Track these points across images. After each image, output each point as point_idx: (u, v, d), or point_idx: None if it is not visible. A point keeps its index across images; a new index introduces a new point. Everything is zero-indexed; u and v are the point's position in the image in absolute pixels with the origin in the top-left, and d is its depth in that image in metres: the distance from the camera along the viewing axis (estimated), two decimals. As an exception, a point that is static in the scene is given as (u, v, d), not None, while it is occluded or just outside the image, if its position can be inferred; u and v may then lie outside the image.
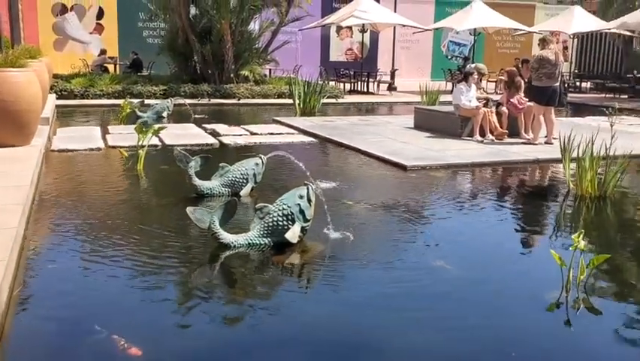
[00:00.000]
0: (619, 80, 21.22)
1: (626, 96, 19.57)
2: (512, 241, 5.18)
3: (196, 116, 12.80)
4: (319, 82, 14.80)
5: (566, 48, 26.40)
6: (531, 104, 9.58)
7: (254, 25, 19.10)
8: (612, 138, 6.11)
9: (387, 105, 17.97)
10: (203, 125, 11.32)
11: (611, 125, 6.20)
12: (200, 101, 15.70)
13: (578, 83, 22.89)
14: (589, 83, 23.16)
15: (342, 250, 4.59)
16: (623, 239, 5.43)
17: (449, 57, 28.05)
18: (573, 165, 6.61)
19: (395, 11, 21.74)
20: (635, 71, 20.91)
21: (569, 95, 20.04)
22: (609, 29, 20.76)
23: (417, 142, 9.59)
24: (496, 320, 3.64)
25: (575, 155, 6.61)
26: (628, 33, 21.33)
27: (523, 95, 9.93)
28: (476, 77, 10.35)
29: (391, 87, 21.05)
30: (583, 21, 21.09)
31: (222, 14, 16.59)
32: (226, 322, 3.50)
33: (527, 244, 5.22)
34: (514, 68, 10.36)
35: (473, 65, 11.35)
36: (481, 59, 25.15)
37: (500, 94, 10.42)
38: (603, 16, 22.01)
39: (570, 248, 3.94)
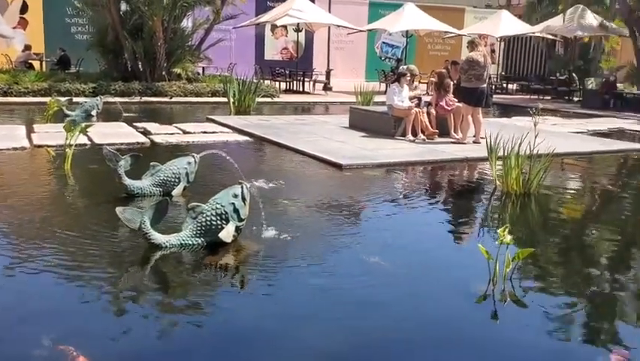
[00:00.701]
0: (542, 82, 22.17)
1: (549, 97, 20.47)
2: (443, 237, 5.34)
3: (127, 114, 12.46)
4: (254, 80, 14.69)
5: (493, 51, 27.33)
6: (460, 104, 9.87)
7: (187, 23, 18.78)
8: (536, 137, 6.38)
9: (322, 105, 18.08)
10: (134, 123, 11.04)
11: (535, 125, 6.47)
12: (131, 100, 15.29)
13: (505, 85, 23.74)
14: (515, 84, 24.06)
15: (278, 249, 4.58)
16: (546, 234, 5.68)
17: (383, 58, 28.45)
18: (500, 164, 6.85)
19: (329, 11, 21.90)
20: (558, 74, 21.92)
21: (497, 96, 20.84)
22: (534, 33, 21.66)
23: (352, 141, 9.69)
24: (426, 312, 3.75)
25: (500, 154, 6.86)
26: (551, 37, 22.31)
27: (452, 96, 10.22)
28: (409, 78, 10.55)
29: (327, 87, 21.19)
30: (509, 25, 21.91)
31: (154, 11, 16.23)
32: (157, 326, 3.43)
33: (457, 239, 5.39)
34: (444, 70, 10.64)
35: (405, 67, 11.56)
36: (413, 60, 25.66)
37: (431, 95, 10.67)
38: (528, 20, 22.93)
39: (496, 242, 4.08)
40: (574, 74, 20.89)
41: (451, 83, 10.18)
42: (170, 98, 16.20)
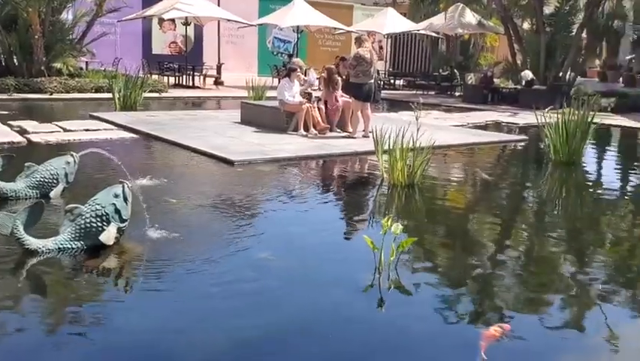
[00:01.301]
0: (427, 77, 23.15)
1: (433, 92, 21.41)
2: (332, 229, 5.41)
3: (0, 112, 11.61)
4: (140, 75, 14.18)
5: (381, 48, 28.11)
6: (350, 100, 10.09)
7: (67, 15, 17.76)
8: (418, 131, 6.65)
9: (214, 100, 17.82)
10: (9, 122, 10.31)
11: (417, 119, 6.73)
12: (8, 96, 14.26)
13: (392, 81, 24.52)
14: (402, 80, 24.93)
15: (163, 249, 4.45)
16: (429, 223, 5.94)
17: (275, 53, 28.39)
18: (387, 157, 7.08)
19: (219, 5, 21.57)
20: (441, 70, 22.97)
21: (385, 91, 21.51)
22: (418, 30, 22.54)
23: (244, 137, 9.63)
24: (315, 304, 3.80)
25: (387, 147, 7.08)
26: (434, 34, 23.32)
27: (341, 91, 10.43)
28: (299, 73, 10.63)
29: (218, 81, 20.89)
30: (395, 22, 22.64)
31: (29, 2, 15.20)
32: (34, 337, 3.23)
33: (346, 231, 5.51)
34: (333, 66, 10.82)
35: (295, 60, 11.64)
36: (305, 55, 25.90)
37: (321, 90, 10.82)
38: (413, 18, 23.81)
39: (380, 233, 4.21)
40: (455, 70, 21.97)
41: (339, 79, 10.38)
42: (51, 94, 15.28)
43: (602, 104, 15.85)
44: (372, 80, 9.83)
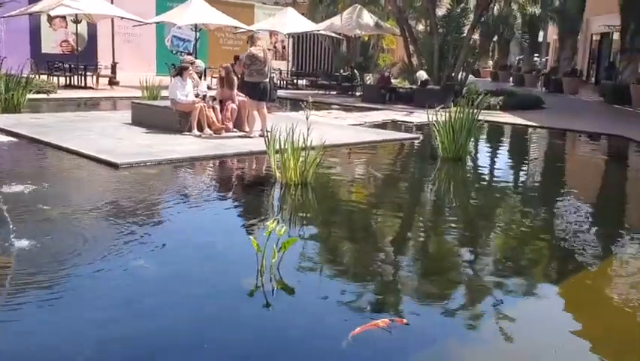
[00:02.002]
0: (329, 77, 23.36)
1: (335, 92, 21.64)
2: (218, 233, 5.28)
3: None
4: (24, 75, 13.31)
5: (284, 47, 28.21)
6: (245, 99, 9.95)
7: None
8: (309, 129, 6.63)
9: (107, 101, 17.08)
10: None
11: (307, 118, 6.72)
12: None
13: (295, 80, 24.57)
14: (305, 80, 25.03)
15: (30, 261, 4.13)
16: (317, 221, 5.92)
17: (174, 52, 27.71)
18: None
19: (112, 2, 20.70)
20: (342, 70, 23.27)
21: (288, 91, 21.53)
22: (318, 30, 22.70)
23: (133, 138, 9.24)
24: (196, 311, 3.65)
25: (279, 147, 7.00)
26: (334, 35, 23.57)
27: (237, 91, 10.28)
28: (192, 71, 10.36)
29: (113, 82, 20.04)
30: (296, 22, 22.67)
31: None
32: None
33: (232, 234, 5.36)
34: (229, 65, 10.64)
35: (187, 58, 11.33)
36: (206, 55, 25.44)
37: (216, 89, 10.60)
38: (312, 18, 23.93)
39: (264, 233, 4.12)
40: (355, 71, 22.33)
41: (235, 78, 10.22)
42: None
43: (491, 102, 16.71)
44: (268, 79, 9.74)
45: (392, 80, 19.97)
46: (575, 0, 27.24)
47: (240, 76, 10.34)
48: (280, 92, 20.64)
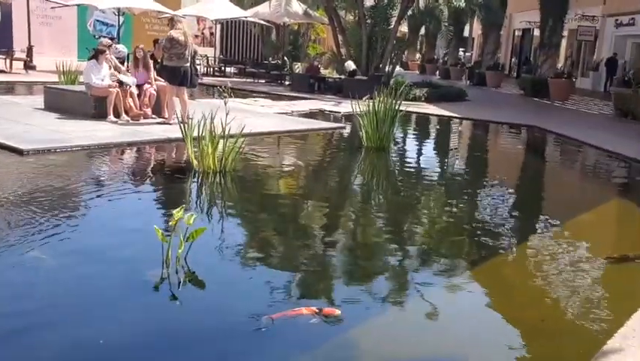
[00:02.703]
0: (257, 65, 23.05)
1: (264, 80, 21.38)
2: (126, 222, 5.02)
3: None
4: None
5: (212, 34, 27.62)
6: (164, 84, 9.61)
7: None
8: (227, 116, 6.42)
9: (21, 85, 16.17)
10: None
11: (225, 104, 6.52)
12: None
13: (222, 68, 24.10)
14: (233, 67, 24.60)
15: None
16: (232, 210, 5.74)
17: (96, 37, 26.54)
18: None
19: (27, -18, 19.59)
20: (271, 58, 23.01)
21: (215, 78, 21.08)
22: (246, 17, 22.32)
23: (44, 124, 8.73)
24: (94, 307, 3.43)
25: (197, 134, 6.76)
26: (263, 22, 23.26)
27: (155, 74, 9.93)
28: (108, 55, 9.88)
29: (28, 65, 19.01)
30: (223, 8, 22.17)
31: None
32: None
33: (141, 223, 5.08)
34: (143, 47, 10.25)
35: (102, 41, 10.81)
36: (130, 40, 24.54)
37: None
38: (240, 4, 23.45)
39: (170, 224, 3.93)
40: (285, 59, 22.13)
41: (150, 61, 9.87)
42: None
43: (416, 94, 16.95)
44: (188, 64, 9.42)
45: (321, 70, 19.91)
46: (498, -5, 28.10)
47: (159, 60, 9.97)
48: (206, 79, 20.25)
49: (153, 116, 9.89)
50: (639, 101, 15.09)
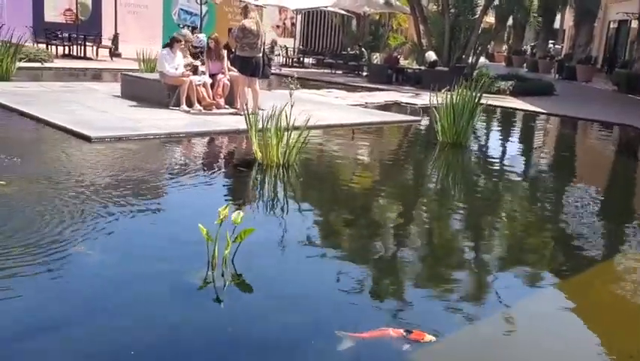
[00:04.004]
0: (335, 56, 22.74)
1: (342, 71, 21.06)
2: (180, 219, 4.81)
3: None
4: (14, 42, 12.87)
5: (293, 24, 27.57)
6: (236, 73, 9.48)
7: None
8: (291, 107, 6.15)
9: (105, 72, 16.63)
10: None
11: (291, 95, 6.24)
12: None
13: (301, 59, 23.98)
14: (312, 58, 24.44)
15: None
16: (291, 207, 5.39)
17: (181, 26, 27.12)
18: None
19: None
20: (349, 49, 22.64)
21: (293, 69, 20.97)
22: (326, 7, 22.05)
23: (117, 111, 8.82)
24: (140, 307, 3.26)
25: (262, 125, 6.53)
26: (344, 12, 22.92)
27: (229, 64, 9.82)
28: (183, 45, 9.86)
29: (113, 53, 19.59)
30: (304, -3, 22.07)
31: None
32: None
33: (191, 220, 4.84)
34: (217, 36, 10.16)
35: (182, 31, 10.82)
36: (212, 29, 24.87)
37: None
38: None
39: (216, 222, 3.68)
40: (364, 49, 21.69)
41: (225, 51, 9.75)
42: None
43: (501, 87, 16.12)
44: (260, 54, 9.24)
45: (401, 61, 19.36)
46: (594, -16, 26.37)
47: (233, 50, 9.85)
48: (285, 70, 20.17)
49: (226, 106, 9.79)
50: None
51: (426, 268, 4.27)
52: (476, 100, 8.45)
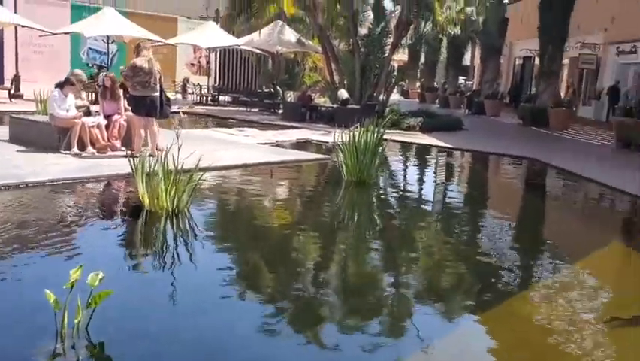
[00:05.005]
0: (250, 95, 22.55)
1: (257, 109, 20.84)
2: (34, 279, 4.27)
3: None
4: None
5: (208, 62, 27.25)
6: (130, 114, 9.03)
7: None
8: (179, 150, 5.80)
9: (1, 115, 15.63)
10: None
11: (177, 136, 5.88)
12: None
13: (216, 97, 23.62)
14: (227, 96, 24.14)
15: None
16: (163, 264, 4.94)
17: (90, 65, 26.27)
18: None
19: (15, 11, 19.26)
20: (264, 87, 22.51)
21: (209, 107, 20.59)
22: (238, 46, 21.89)
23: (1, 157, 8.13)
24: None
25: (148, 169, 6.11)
26: (258, 51, 22.82)
27: (126, 104, 9.35)
28: (74, 86, 9.29)
29: (13, 95, 18.54)
30: (216, 36, 21.82)
31: None
32: None
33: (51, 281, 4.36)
34: (112, 75, 9.69)
35: (75, 72, 10.24)
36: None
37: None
38: (229, 32, 22.98)
39: (65, 286, 3.23)
40: (278, 88, 21.60)
41: (121, 90, 9.29)
42: None
43: (410, 123, 16.36)
44: (157, 93, 8.82)
45: (315, 99, 19.36)
46: (496, 23, 27.67)
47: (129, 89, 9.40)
48: (198, 109, 19.74)
49: (122, 148, 9.25)
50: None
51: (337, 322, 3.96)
52: (379, 137, 8.37)
